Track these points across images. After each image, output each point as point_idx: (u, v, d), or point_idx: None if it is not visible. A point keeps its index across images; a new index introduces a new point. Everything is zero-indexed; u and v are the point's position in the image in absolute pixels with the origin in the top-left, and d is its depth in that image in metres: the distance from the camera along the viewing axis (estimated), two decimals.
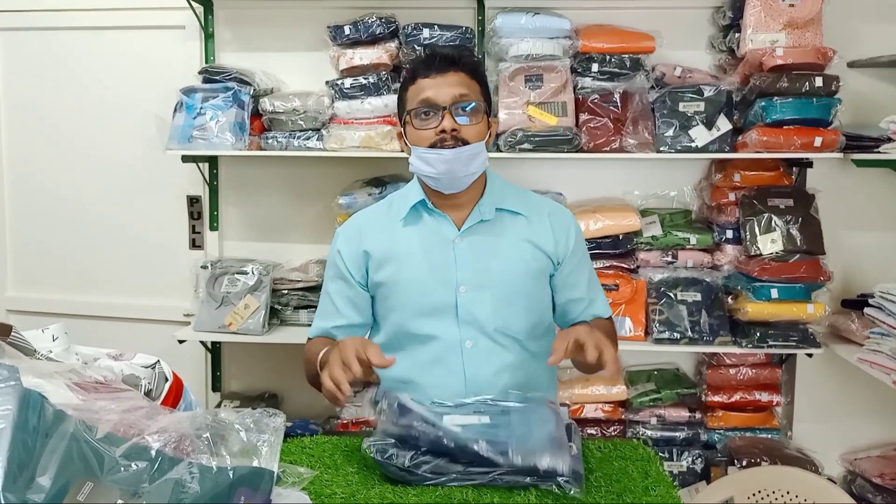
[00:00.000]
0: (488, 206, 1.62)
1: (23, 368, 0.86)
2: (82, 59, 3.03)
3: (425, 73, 1.56)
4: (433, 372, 1.58)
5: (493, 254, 1.59)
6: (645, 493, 1.21)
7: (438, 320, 1.58)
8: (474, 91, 1.57)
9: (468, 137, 1.53)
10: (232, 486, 0.78)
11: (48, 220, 3.13)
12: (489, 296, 1.58)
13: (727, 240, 2.65)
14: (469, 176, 1.57)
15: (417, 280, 1.59)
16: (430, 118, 1.55)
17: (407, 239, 1.62)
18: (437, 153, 1.53)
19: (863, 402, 2.78)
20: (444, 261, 1.59)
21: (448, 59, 1.57)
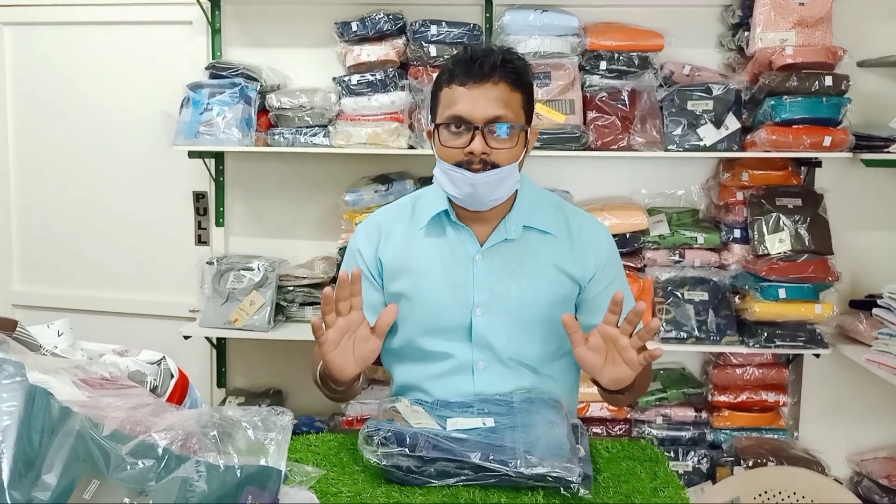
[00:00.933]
0: (515, 223, 1.49)
1: (28, 364, 0.86)
2: (90, 55, 3.03)
3: (462, 81, 1.40)
4: (444, 387, 1.51)
5: (515, 276, 1.48)
6: (654, 494, 1.20)
7: (451, 340, 1.50)
8: (514, 106, 1.42)
9: (499, 161, 1.40)
10: (239, 485, 0.78)
11: (54, 215, 3.13)
12: (506, 321, 1.48)
13: (735, 239, 2.64)
14: (494, 200, 1.44)
15: (433, 297, 1.50)
16: (460, 135, 1.40)
17: (427, 251, 1.52)
18: (461, 174, 1.40)
19: (870, 403, 2.76)
20: (463, 279, 1.49)
21: (489, 67, 1.39)
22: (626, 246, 2.64)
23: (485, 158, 1.39)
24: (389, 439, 1.20)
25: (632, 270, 2.68)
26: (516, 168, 1.43)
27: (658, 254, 2.67)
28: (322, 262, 2.77)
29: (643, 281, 2.65)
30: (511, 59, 1.44)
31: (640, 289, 2.63)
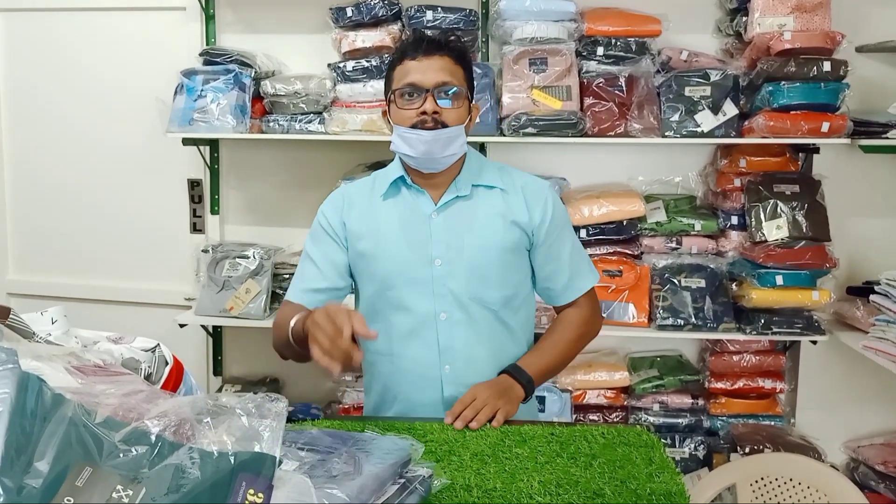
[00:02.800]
0: (465, 182, 1.65)
1: (21, 351, 0.85)
2: (83, 41, 3.01)
3: (412, 56, 1.59)
4: (409, 344, 1.64)
5: (468, 228, 1.63)
6: (649, 479, 1.20)
7: (414, 293, 1.62)
8: (458, 76, 1.61)
9: (448, 121, 1.57)
10: (233, 472, 0.77)
11: (49, 204, 3.12)
12: (462, 269, 1.61)
13: (732, 226, 2.64)
14: (447, 157, 1.60)
15: (394, 253, 1.63)
16: (414, 100, 1.58)
17: (386, 214, 1.66)
18: (416, 133, 1.57)
19: (867, 390, 2.77)
20: (421, 235, 1.63)
21: (435, 44, 1.60)
22: (623, 233, 2.64)
23: (436, 118, 1.56)
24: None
25: (629, 258, 2.67)
26: (463, 130, 1.61)
27: (655, 241, 2.66)
28: None
29: (640, 268, 2.64)
30: (453, 39, 1.68)
31: (637, 276, 2.62)
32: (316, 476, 0.97)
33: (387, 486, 1.02)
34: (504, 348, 1.67)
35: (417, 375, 1.64)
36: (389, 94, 1.63)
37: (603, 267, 2.62)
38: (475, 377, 1.59)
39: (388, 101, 1.65)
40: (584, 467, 1.23)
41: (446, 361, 1.62)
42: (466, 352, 1.62)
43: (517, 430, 1.38)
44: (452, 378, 1.62)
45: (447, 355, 1.62)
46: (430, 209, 1.64)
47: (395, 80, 1.62)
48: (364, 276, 1.68)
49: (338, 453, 1.05)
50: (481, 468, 1.22)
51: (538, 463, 1.24)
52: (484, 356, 1.63)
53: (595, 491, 1.15)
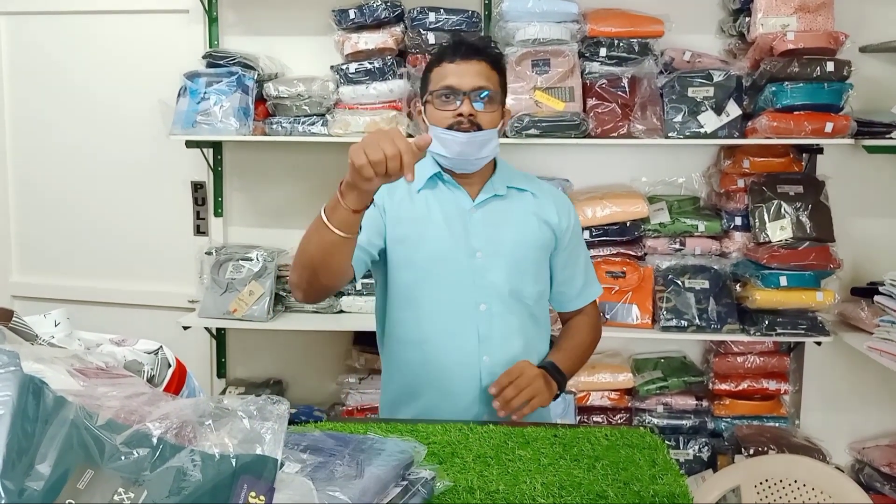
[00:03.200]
0: (500, 182, 1.71)
1: (23, 354, 0.85)
2: (86, 44, 3.01)
3: (451, 59, 1.64)
4: (448, 333, 1.65)
5: (506, 225, 1.68)
6: (652, 481, 1.19)
7: (455, 283, 1.65)
8: (493, 81, 1.66)
9: (483, 123, 1.62)
10: (234, 474, 0.76)
11: (52, 206, 3.12)
12: (503, 263, 1.66)
13: (736, 227, 2.64)
14: (480, 160, 1.66)
15: (437, 242, 1.66)
16: (450, 101, 1.63)
17: (425, 204, 1.69)
18: (452, 135, 1.62)
19: (871, 391, 2.76)
20: (461, 229, 1.67)
21: (473, 49, 1.66)
22: (626, 234, 2.64)
23: (471, 120, 1.61)
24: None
25: (632, 259, 2.67)
26: (496, 133, 1.67)
27: (659, 242, 2.66)
28: None
29: (643, 269, 2.64)
30: (490, 46, 1.77)
31: (641, 277, 2.62)
32: (318, 478, 0.97)
33: (389, 489, 1.02)
34: (534, 344, 1.72)
35: (455, 364, 1.65)
36: (426, 95, 1.68)
37: (606, 268, 2.62)
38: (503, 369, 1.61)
39: (424, 102, 1.70)
40: (588, 469, 1.22)
41: (485, 352, 1.65)
42: (504, 344, 1.66)
43: (520, 432, 1.38)
44: (490, 369, 1.64)
45: (486, 345, 1.65)
46: (468, 204, 1.69)
47: (433, 81, 1.67)
48: (401, 262, 1.67)
49: (340, 455, 1.05)
50: (484, 470, 1.21)
51: (541, 465, 1.24)
52: (518, 349, 1.67)
53: (598, 493, 1.14)
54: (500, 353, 1.65)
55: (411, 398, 1.69)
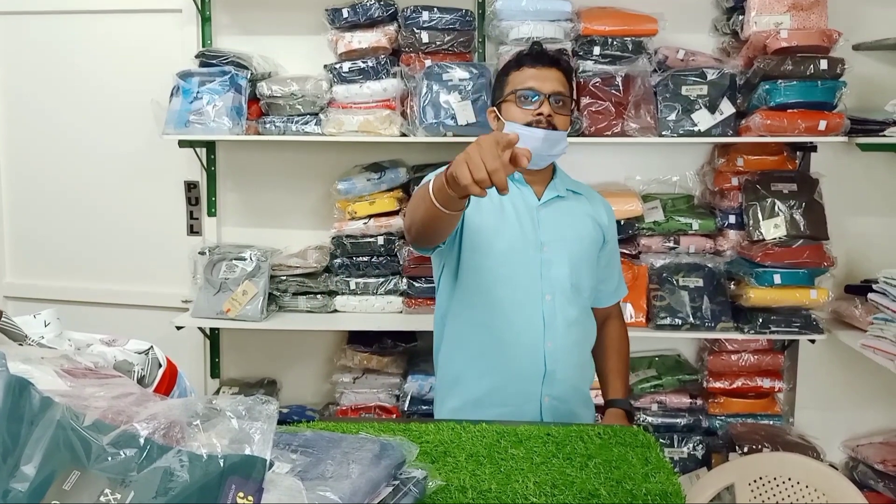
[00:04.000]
0: (561, 185, 1.86)
1: (10, 354, 0.84)
2: (78, 43, 3.00)
3: (532, 64, 1.79)
4: (516, 317, 1.76)
5: (568, 223, 1.82)
6: (645, 479, 1.19)
7: (524, 272, 1.77)
8: (567, 89, 1.82)
9: (558, 124, 1.76)
10: (223, 475, 0.76)
11: (45, 206, 3.11)
12: (566, 257, 1.79)
13: (730, 225, 2.63)
14: (551, 156, 1.80)
15: (512, 233, 1.78)
16: (532, 102, 1.76)
17: (497, 199, 1.79)
18: (531, 131, 1.73)
19: (865, 389, 2.77)
20: (530, 224, 1.79)
21: (552, 58, 1.83)
22: (620, 233, 2.61)
23: (549, 120, 1.75)
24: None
25: (627, 257, 2.66)
26: (565, 136, 1.80)
27: (653, 240, 2.66)
28: (315, 251, 2.76)
29: (638, 268, 2.64)
30: (565, 59, 2.01)
31: (635, 275, 2.62)
32: (308, 478, 0.96)
33: (380, 488, 1.01)
34: (588, 333, 1.87)
35: (522, 347, 1.76)
36: (507, 94, 1.80)
37: None
38: (570, 356, 1.78)
39: (501, 102, 1.81)
40: (580, 468, 1.22)
41: (549, 338, 1.76)
42: (564, 332, 1.77)
43: (513, 431, 1.37)
44: (553, 354, 1.75)
45: (550, 332, 1.76)
46: (535, 202, 1.82)
47: (512, 83, 1.80)
48: (480, 248, 1.77)
49: (331, 455, 1.04)
50: (476, 469, 1.21)
51: (534, 463, 1.24)
52: (575, 339, 1.80)
53: (590, 492, 1.14)
54: (561, 340, 1.77)
55: (479, 378, 1.78)
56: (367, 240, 2.66)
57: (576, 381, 1.82)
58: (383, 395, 2.74)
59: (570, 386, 1.79)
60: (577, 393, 1.82)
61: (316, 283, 2.72)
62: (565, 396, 1.79)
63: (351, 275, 2.70)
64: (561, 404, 1.77)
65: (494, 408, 1.74)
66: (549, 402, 1.76)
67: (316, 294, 2.73)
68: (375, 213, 2.66)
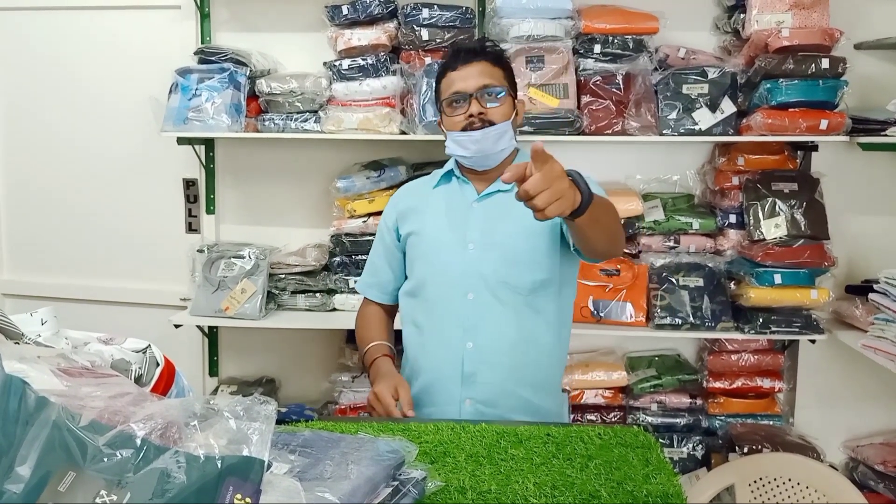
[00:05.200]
0: None
1: (6, 353, 0.84)
2: (76, 40, 2.99)
3: (453, 67, 1.74)
4: (438, 318, 1.76)
5: (503, 217, 1.73)
6: (646, 480, 1.18)
7: (448, 272, 1.74)
8: (497, 77, 1.74)
9: (494, 119, 1.70)
10: (220, 476, 0.75)
11: (43, 204, 3.10)
12: (494, 254, 1.72)
13: (730, 224, 2.63)
14: (498, 153, 1.74)
15: (436, 234, 1.78)
16: (460, 106, 1.72)
17: (435, 200, 1.83)
18: (467, 135, 1.71)
19: (866, 389, 2.76)
20: (461, 221, 1.76)
21: (471, 52, 1.75)
22: None
23: (482, 118, 1.70)
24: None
25: (626, 256, 2.66)
26: (510, 126, 1.73)
27: (653, 240, 2.65)
28: (314, 249, 2.75)
29: (638, 267, 2.63)
30: (488, 45, 1.83)
31: (635, 275, 2.61)
32: (307, 479, 0.95)
33: (380, 489, 1.00)
34: (535, 334, 1.74)
35: (441, 348, 1.74)
36: (439, 105, 1.78)
37: (600, 266, 2.61)
38: (497, 357, 1.71)
39: (441, 114, 1.80)
40: (580, 469, 1.21)
41: (469, 339, 1.71)
42: (491, 332, 1.71)
43: (513, 431, 1.36)
44: (474, 355, 1.71)
45: (471, 333, 1.71)
46: (472, 198, 1.78)
47: (442, 91, 1.77)
48: (414, 249, 1.82)
49: (330, 456, 1.03)
50: (476, 470, 1.20)
51: (534, 464, 1.23)
52: (510, 338, 1.71)
53: (591, 493, 1.13)
54: (486, 340, 1.71)
55: (415, 377, 1.80)
56: (367, 238, 2.65)
57: (509, 384, 1.71)
58: None
59: (499, 390, 1.70)
60: (510, 397, 1.71)
61: (315, 282, 2.71)
62: (492, 400, 1.70)
63: (350, 273, 2.69)
64: (487, 408, 1.70)
65: (425, 407, 1.75)
66: (470, 406, 1.70)
67: (315, 292, 2.72)
68: (375, 212, 2.65)
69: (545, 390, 1.78)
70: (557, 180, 1.24)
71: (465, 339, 1.72)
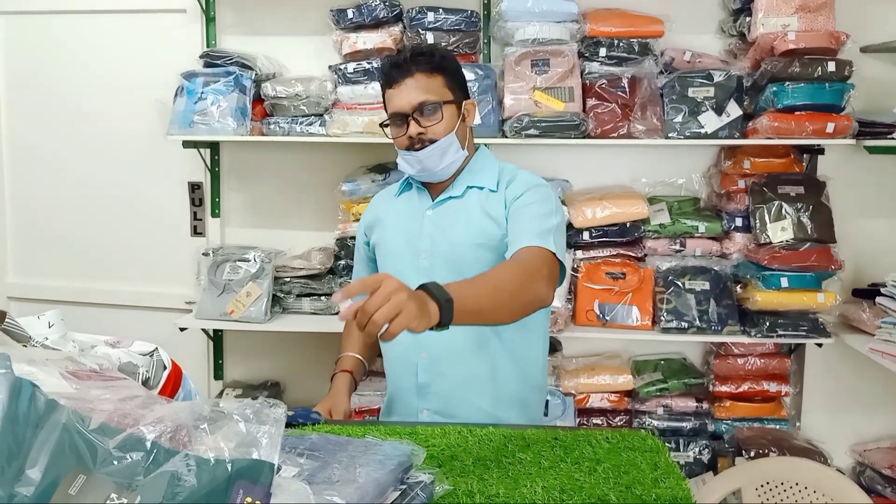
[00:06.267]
0: (461, 183, 1.74)
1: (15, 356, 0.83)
2: (83, 44, 2.99)
3: (388, 85, 1.70)
4: None
5: (452, 226, 1.71)
6: (654, 484, 1.18)
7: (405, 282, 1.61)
8: (436, 88, 1.67)
9: (435, 135, 1.66)
10: (230, 480, 0.75)
11: (49, 207, 3.10)
12: (443, 264, 1.68)
13: (736, 228, 2.62)
14: (446, 168, 1.71)
15: (392, 244, 1.78)
16: (401, 126, 1.68)
17: (395, 208, 1.82)
18: (410, 155, 1.68)
19: (873, 393, 2.74)
20: (415, 230, 1.74)
21: (402, 68, 1.67)
22: (626, 235, 2.62)
23: (422, 137, 1.66)
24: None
25: (632, 260, 2.65)
26: (454, 137, 1.68)
27: (659, 243, 2.64)
28: (319, 252, 2.75)
29: (644, 270, 2.62)
30: (421, 51, 1.71)
31: (641, 278, 2.61)
32: (316, 482, 0.95)
33: (388, 493, 1.00)
34: (487, 344, 1.68)
35: (398, 359, 1.75)
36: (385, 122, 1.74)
37: (606, 269, 2.61)
38: (450, 367, 1.68)
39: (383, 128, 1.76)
40: (589, 472, 1.21)
41: (423, 348, 1.68)
42: (444, 343, 1.60)
43: (520, 435, 1.36)
44: (428, 365, 1.70)
45: (423, 344, 1.66)
46: (426, 206, 1.76)
47: (386, 110, 1.73)
48: (379, 262, 1.83)
49: (338, 459, 1.03)
50: (484, 473, 1.20)
51: (541, 468, 1.22)
52: (462, 348, 1.67)
53: (600, 497, 1.13)
54: (437, 350, 1.68)
55: (388, 387, 1.84)
56: None
57: (463, 394, 1.67)
58: None
59: (456, 400, 1.67)
60: (466, 407, 1.66)
61: (320, 285, 2.70)
62: (448, 411, 1.66)
63: None
64: (444, 419, 1.62)
65: (392, 416, 1.78)
66: (428, 416, 1.68)
67: (320, 296, 2.72)
68: None
69: (507, 402, 1.70)
70: (395, 293, 1.12)
71: (418, 349, 1.69)
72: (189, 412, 0.84)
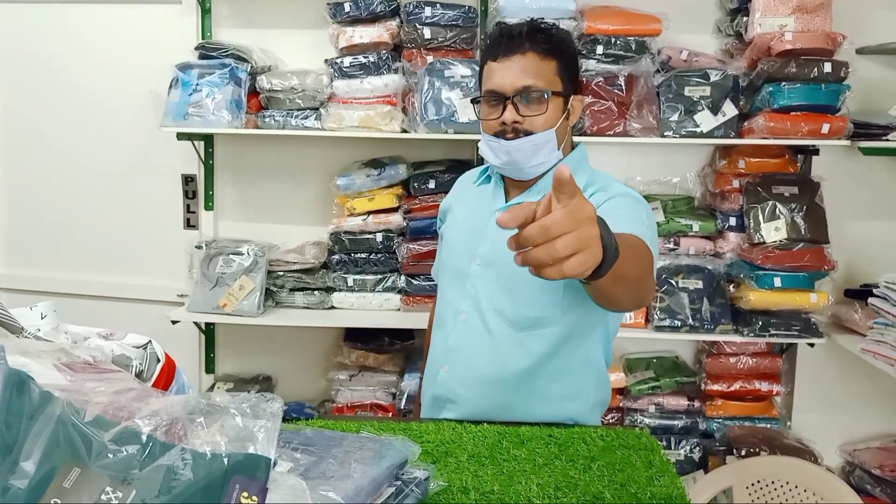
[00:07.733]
0: (543, 186, 1.52)
1: (9, 347, 0.83)
2: (77, 34, 2.97)
3: (494, 55, 1.47)
4: (435, 333, 1.66)
5: None
6: (649, 482, 1.18)
7: (455, 284, 1.59)
8: (546, 74, 1.45)
9: (533, 128, 1.45)
10: (226, 474, 0.74)
11: (40, 198, 3.08)
12: (495, 275, 1.51)
13: (730, 227, 2.62)
14: (536, 167, 1.49)
15: (453, 239, 1.63)
16: (496, 107, 1.47)
17: (466, 200, 1.65)
18: (498, 142, 1.48)
19: (863, 393, 2.76)
20: (478, 229, 1.56)
21: (516, 41, 1.45)
22: None
23: (517, 127, 1.45)
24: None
25: None
26: (553, 134, 1.47)
27: None
28: (313, 247, 2.74)
29: None
30: (540, 28, 1.49)
31: None
32: (311, 477, 0.95)
33: (383, 488, 1.00)
34: (515, 371, 1.50)
35: (431, 364, 1.64)
36: (480, 94, 1.52)
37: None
38: (465, 389, 1.53)
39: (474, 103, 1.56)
40: (583, 470, 1.21)
41: (447, 361, 1.57)
42: (469, 360, 1.53)
43: (515, 432, 1.36)
44: (446, 382, 1.56)
45: (451, 356, 1.56)
46: (498, 206, 1.55)
47: (483, 81, 1.51)
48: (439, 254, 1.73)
49: (332, 454, 1.03)
50: (479, 470, 1.20)
51: (536, 465, 1.22)
52: (486, 370, 1.51)
53: (594, 494, 1.13)
54: (460, 366, 1.53)
55: None
56: (366, 236, 2.65)
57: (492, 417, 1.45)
58: (380, 393, 2.72)
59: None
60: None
61: (313, 279, 2.70)
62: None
63: (349, 271, 2.69)
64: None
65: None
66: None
67: (313, 290, 2.71)
68: (374, 210, 2.64)
69: None
70: (586, 224, 0.86)
71: (443, 361, 1.57)
72: (185, 405, 0.83)
